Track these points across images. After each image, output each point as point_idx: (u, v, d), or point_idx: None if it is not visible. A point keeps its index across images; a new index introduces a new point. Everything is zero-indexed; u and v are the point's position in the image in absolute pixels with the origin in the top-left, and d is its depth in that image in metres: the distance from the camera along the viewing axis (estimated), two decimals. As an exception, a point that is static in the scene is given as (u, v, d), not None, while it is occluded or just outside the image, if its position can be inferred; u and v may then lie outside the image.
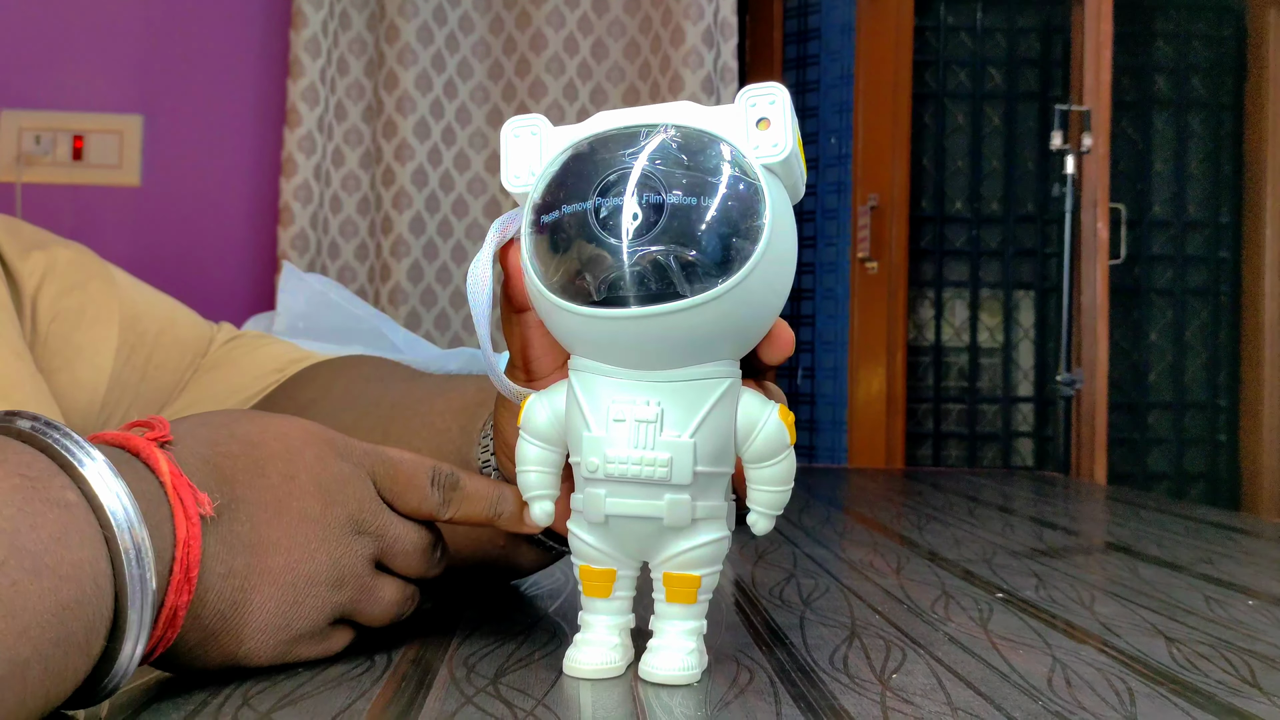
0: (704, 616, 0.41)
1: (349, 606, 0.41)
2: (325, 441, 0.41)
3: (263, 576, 0.37)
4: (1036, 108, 2.78)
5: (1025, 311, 2.81)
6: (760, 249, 0.36)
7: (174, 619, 0.35)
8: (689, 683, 0.40)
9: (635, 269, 0.36)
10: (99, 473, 0.33)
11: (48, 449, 0.33)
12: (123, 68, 2.06)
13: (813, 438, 2.65)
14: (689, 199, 0.36)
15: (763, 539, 0.77)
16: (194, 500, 0.35)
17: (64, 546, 0.31)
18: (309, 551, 0.39)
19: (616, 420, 0.39)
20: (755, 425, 0.40)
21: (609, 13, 2.09)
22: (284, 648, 0.39)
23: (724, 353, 0.39)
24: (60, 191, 2.03)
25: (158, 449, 0.36)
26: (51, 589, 0.30)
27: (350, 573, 0.40)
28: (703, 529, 0.40)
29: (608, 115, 0.40)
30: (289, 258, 1.97)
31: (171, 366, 0.70)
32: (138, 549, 0.33)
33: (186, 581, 0.35)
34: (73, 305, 0.65)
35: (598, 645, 0.41)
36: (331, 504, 0.39)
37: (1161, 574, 0.68)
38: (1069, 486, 1.28)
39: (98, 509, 0.33)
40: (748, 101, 0.39)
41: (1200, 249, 2.83)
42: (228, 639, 0.37)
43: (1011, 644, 0.48)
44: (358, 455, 0.41)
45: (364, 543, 0.40)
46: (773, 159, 0.38)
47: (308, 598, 0.39)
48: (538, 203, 0.39)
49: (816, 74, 2.63)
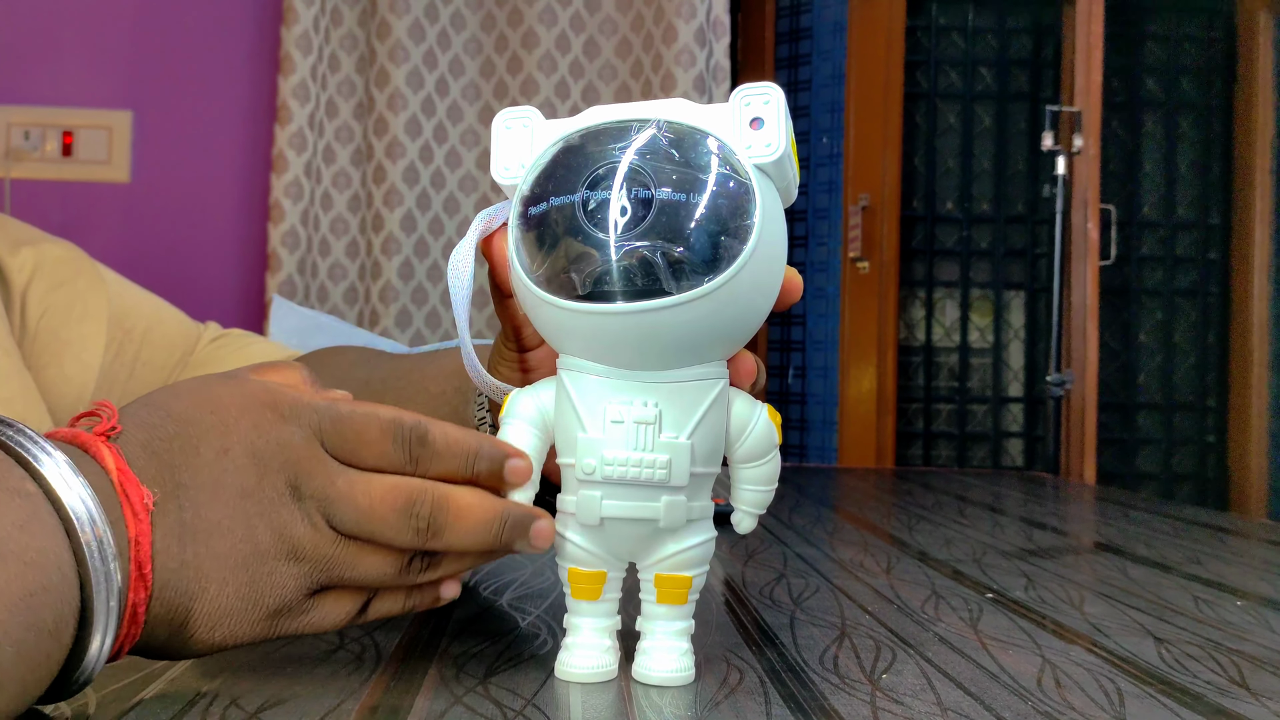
0: (692, 617, 0.41)
1: (320, 575, 0.37)
2: (267, 405, 0.38)
3: (213, 563, 0.36)
4: (1027, 108, 2.78)
5: (1015, 312, 2.82)
6: (749, 249, 0.36)
7: (135, 616, 0.34)
8: (685, 683, 0.40)
9: (621, 264, 0.36)
10: (58, 470, 0.33)
11: (3, 445, 0.33)
12: (113, 63, 2.05)
13: (803, 437, 2.65)
14: (678, 195, 0.36)
15: (753, 538, 0.77)
16: (139, 495, 0.34)
17: (27, 534, 0.31)
18: (250, 528, 0.36)
19: (615, 421, 0.38)
20: (746, 426, 0.40)
21: (601, 11, 2.08)
22: (263, 626, 0.37)
23: (715, 354, 0.39)
24: (49, 187, 2.02)
25: (104, 444, 0.35)
26: (18, 574, 0.30)
27: (303, 541, 0.37)
28: (694, 530, 0.40)
29: (600, 110, 0.39)
30: (279, 254, 1.97)
31: (159, 364, 0.69)
32: (100, 542, 0.32)
33: (141, 578, 0.34)
34: (62, 301, 0.65)
35: (589, 648, 0.40)
36: (267, 472, 0.37)
37: (1150, 574, 0.68)
38: (1058, 487, 1.29)
39: (56, 503, 0.32)
40: (742, 101, 0.38)
41: (1190, 250, 2.84)
42: (198, 629, 0.36)
43: (1001, 644, 0.48)
44: (305, 415, 0.38)
45: (307, 507, 0.37)
46: (765, 159, 0.37)
47: (264, 575, 0.37)
48: (526, 195, 0.39)
49: (808, 73, 2.63)
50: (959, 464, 2.75)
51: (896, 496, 1.11)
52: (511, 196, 0.40)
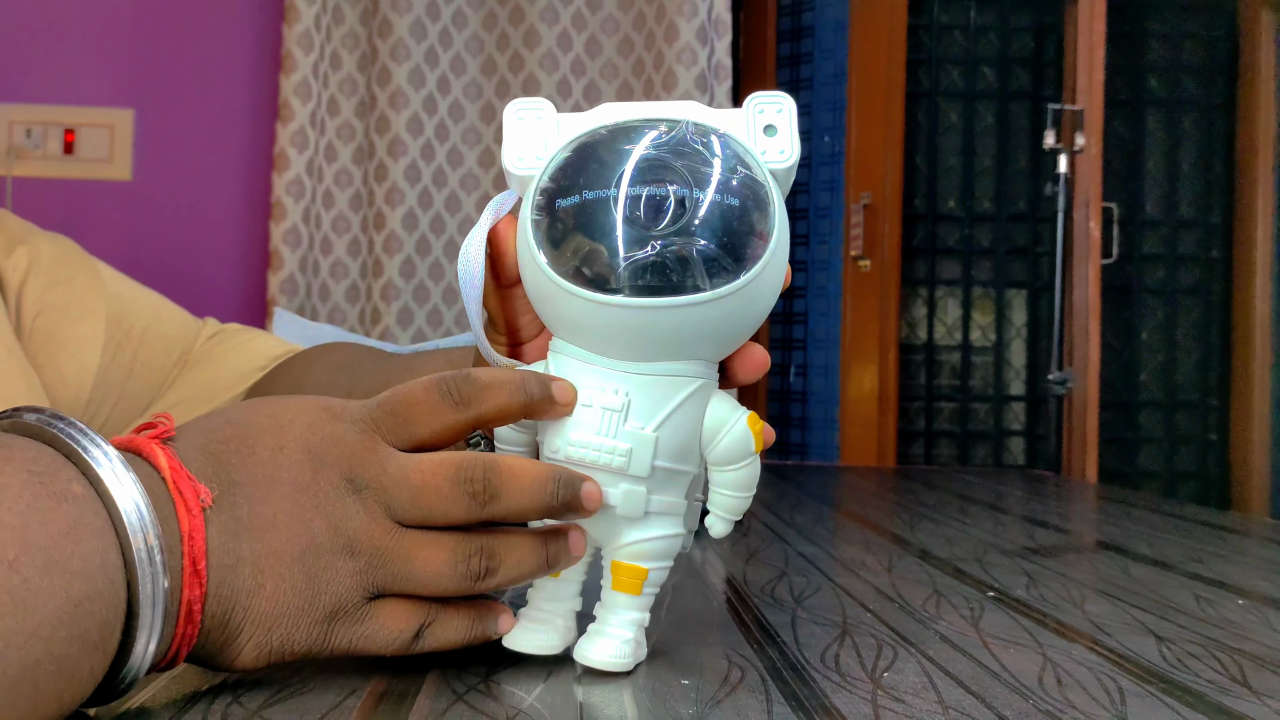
0: (647, 610, 0.41)
1: (376, 572, 0.37)
2: (321, 409, 0.39)
3: (270, 558, 0.36)
4: (1029, 107, 2.78)
5: (1017, 310, 2.81)
6: (771, 247, 0.38)
7: (191, 614, 0.34)
8: (618, 670, 0.40)
9: (656, 259, 0.37)
10: (110, 467, 0.33)
11: (55, 441, 0.33)
12: (115, 61, 2.05)
13: (805, 435, 2.65)
14: (715, 195, 0.37)
15: (754, 537, 0.77)
16: (194, 492, 0.35)
17: (73, 540, 0.31)
18: (305, 522, 0.36)
19: (584, 405, 0.39)
20: (721, 428, 0.40)
21: (603, 9, 2.08)
22: (319, 630, 0.37)
23: (705, 352, 0.39)
24: (51, 185, 2.02)
25: (158, 445, 0.35)
26: (63, 585, 0.30)
27: (359, 533, 0.37)
28: (656, 523, 0.40)
29: (613, 107, 0.40)
30: (281, 252, 1.97)
31: (158, 363, 0.69)
32: (148, 543, 0.32)
33: (195, 574, 0.34)
34: (58, 300, 0.64)
35: (539, 624, 0.41)
36: (322, 468, 0.37)
37: (1152, 573, 0.68)
38: (1060, 485, 1.29)
39: (106, 500, 0.32)
40: (755, 108, 0.40)
41: (1192, 248, 2.84)
42: (256, 629, 0.36)
43: (1002, 642, 0.48)
44: (356, 413, 0.39)
45: (364, 499, 0.37)
46: (779, 165, 0.39)
47: (320, 570, 0.36)
48: (549, 187, 0.39)
49: (810, 71, 2.63)
50: (960, 462, 2.75)
51: (898, 495, 1.11)
52: (520, 187, 0.41)
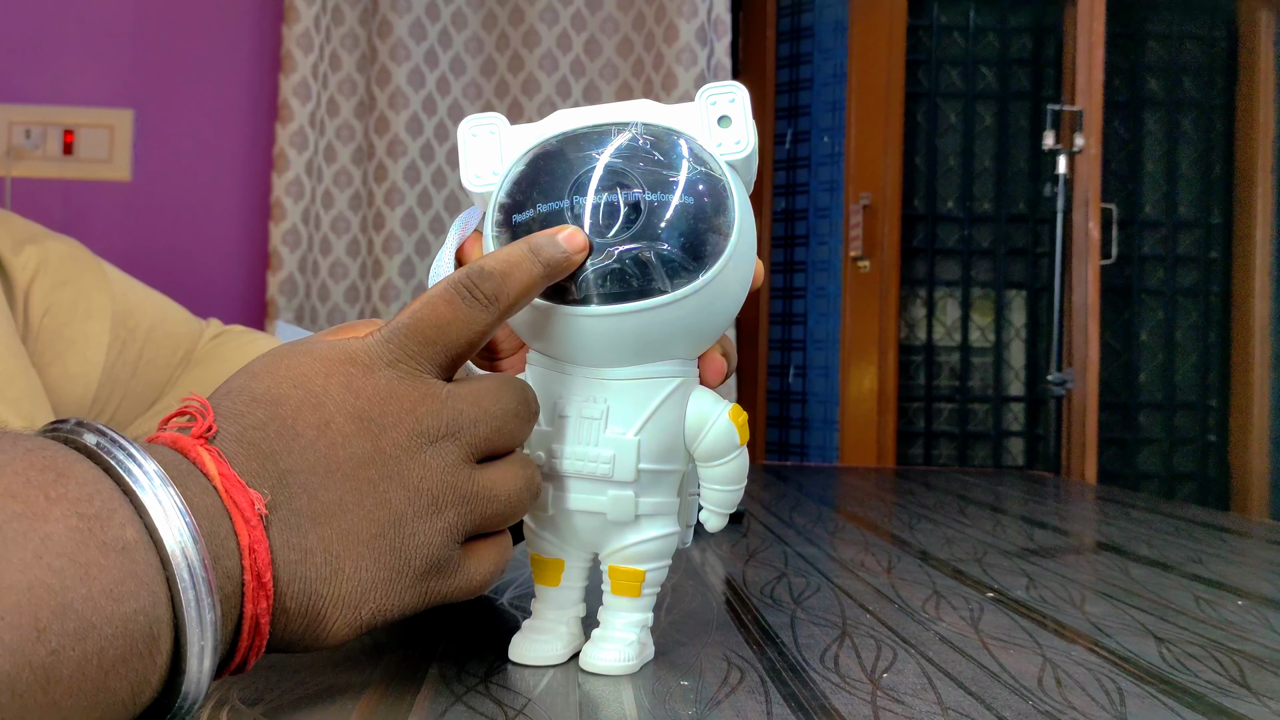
0: (649, 610, 0.41)
1: (465, 522, 0.36)
2: (345, 361, 0.36)
3: (342, 541, 0.34)
4: (1029, 107, 2.78)
5: (1017, 311, 2.81)
6: (733, 243, 0.37)
7: (258, 627, 0.32)
8: (624, 673, 0.40)
9: (616, 266, 0.37)
10: (157, 502, 0.30)
11: (111, 471, 0.30)
12: (114, 62, 2.05)
13: (804, 436, 2.65)
14: (666, 196, 0.37)
15: (754, 538, 0.77)
16: (249, 500, 0.32)
17: (115, 600, 0.28)
18: (378, 495, 0.35)
19: (562, 416, 0.39)
20: (704, 424, 0.40)
21: (602, 10, 2.08)
22: (412, 593, 0.35)
23: (679, 351, 0.39)
24: (50, 186, 2.02)
25: (203, 448, 0.33)
26: (95, 652, 0.28)
27: (442, 489, 0.35)
28: (648, 524, 0.40)
29: (567, 114, 0.40)
30: (280, 253, 1.97)
31: (162, 363, 0.70)
32: (197, 591, 0.30)
33: (261, 587, 0.32)
34: (65, 300, 0.65)
35: (542, 634, 0.41)
36: (382, 432, 0.35)
37: (1152, 574, 0.68)
38: (1059, 486, 1.29)
39: (159, 545, 0.30)
40: (708, 100, 0.39)
41: (1191, 249, 2.84)
42: (342, 611, 0.34)
43: (1002, 643, 0.48)
44: (385, 353, 0.36)
45: (442, 448, 0.35)
46: (736, 155, 0.39)
47: (406, 538, 0.35)
48: (505, 202, 0.39)
49: (809, 72, 2.63)
50: (960, 463, 2.75)
51: (897, 496, 1.11)
52: (482, 204, 0.41)
